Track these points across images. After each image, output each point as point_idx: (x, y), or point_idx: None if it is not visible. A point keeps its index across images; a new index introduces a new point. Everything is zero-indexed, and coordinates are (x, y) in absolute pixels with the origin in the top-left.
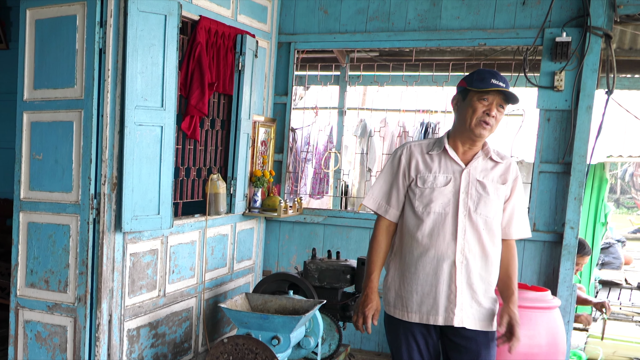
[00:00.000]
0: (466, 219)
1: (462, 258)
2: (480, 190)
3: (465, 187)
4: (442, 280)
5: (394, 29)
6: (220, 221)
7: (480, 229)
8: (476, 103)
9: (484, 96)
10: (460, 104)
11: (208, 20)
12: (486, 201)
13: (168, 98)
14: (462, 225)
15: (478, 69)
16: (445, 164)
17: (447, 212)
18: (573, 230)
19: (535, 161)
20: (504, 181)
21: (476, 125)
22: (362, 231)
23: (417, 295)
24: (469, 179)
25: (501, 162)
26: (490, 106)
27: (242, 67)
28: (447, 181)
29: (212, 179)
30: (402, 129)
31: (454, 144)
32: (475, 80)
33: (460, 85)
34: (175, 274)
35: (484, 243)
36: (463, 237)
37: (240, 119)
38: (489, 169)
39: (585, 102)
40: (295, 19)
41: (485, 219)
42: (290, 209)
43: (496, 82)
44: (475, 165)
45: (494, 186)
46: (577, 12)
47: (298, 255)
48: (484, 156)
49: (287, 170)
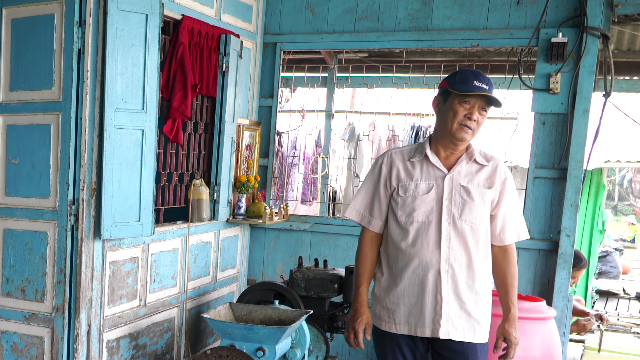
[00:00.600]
0: (450, 226)
1: (447, 267)
2: (464, 196)
3: (449, 194)
4: (428, 291)
5: (384, 29)
6: (203, 228)
7: (467, 236)
8: (457, 106)
9: (466, 99)
10: (441, 106)
11: (191, 20)
12: (471, 207)
13: (149, 100)
14: (446, 233)
15: (460, 69)
16: (427, 171)
17: (430, 220)
18: (569, 238)
19: (530, 166)
20: (491, 185)
21: (457, 129)
22: (350, 239)
23: (403, 307)
24: (452, 185)
25: (487, 165)
26: (472, 109)
27: (226, 69)
28: (428, 188)
29: (195, 184)
30: (392, 132)
31: (436, 149)
32: (457, 82)
33: (442, 86)
34: (157, 283)
35: (471, 251)
36: (447, 245)
37: (224, 122)
38: (473, 172)
39: (581, 105)
40: (282, 19)
41: (471, 226)
42: (275, 216)
43: (479, 84)
44: (458, 170)
45: (479, 191)
46: (574, 11)
47: (284, 263)
48: (467, 160)
49: (273, 175)
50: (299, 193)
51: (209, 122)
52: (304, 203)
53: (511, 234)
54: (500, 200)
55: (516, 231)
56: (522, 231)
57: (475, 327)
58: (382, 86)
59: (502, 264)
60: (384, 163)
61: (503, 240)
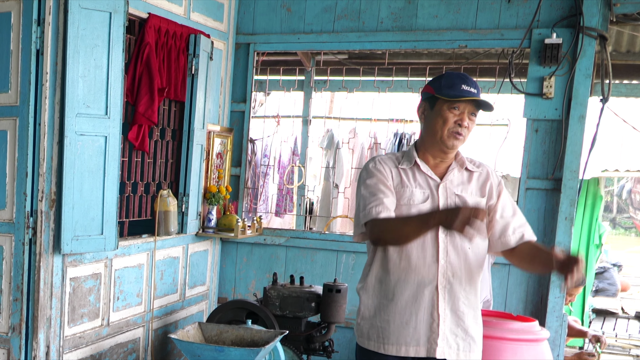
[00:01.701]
0: (448, 238)
1: (445, 282)
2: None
3: (444, 203)
4: (423, 308)
5: (365, 28)
6: (171, 242)
7: (465, 248)
8: (446, 113)
9: (455, 105)
10: (428, 114)
11: (158, 19)
12: None
13: (113, 105)
14: (444, 246)
15: (446, 73)
16: (420, 179)
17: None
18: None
19: (521, 177)
20: (484, 192)
21: (448, 137)
22: (328, 254)
23: (394, 325)
24: (446, 194)
25: (477, 171)
26: (462, 115)
27: (196, 71)
28: (424, 198)
29: (162, 195)
30: (374, 140)
31: (424, 157)
32: (444, 87)
33: (427, 92)
34: (121, 300)
35: (469, 264)
36: (445, 258)
37: (193, 129)
38: (466, 181)
39: (577, 111)
40: (255, 18)
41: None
42: (248, 229)
43: (467, 88)
44: (451, 179)
45: (473, 200)
46: (569, 10)
47: (257, 280)
48: (459, 167)
49: (246, 185)
50: (274, 205)
51: (177, 129)
52: (278, 215)
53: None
54: (497, 204)
55: (520, 232)
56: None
57: (471, 346)
58: (363, 90)
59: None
60: (376, 165)
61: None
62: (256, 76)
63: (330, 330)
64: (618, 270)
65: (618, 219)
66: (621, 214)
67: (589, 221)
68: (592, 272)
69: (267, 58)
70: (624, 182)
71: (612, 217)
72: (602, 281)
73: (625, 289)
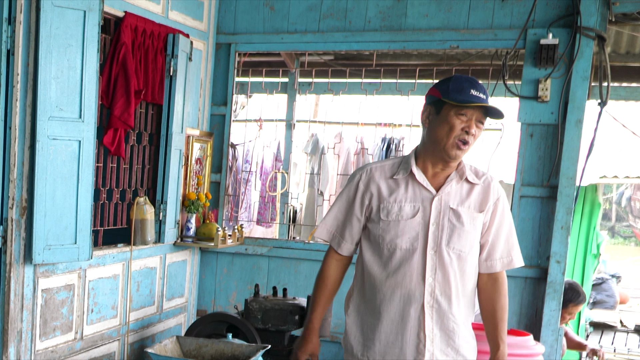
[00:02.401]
0: (436, 255)
1: (432, 301)
2: (453, 221)
3: (436, 218)
4: (409, 328)
5: (352, 28)
6: (148, 252)
7: (455, 266)
8: (453, 119)
9: (463, 110)
10: (433, 119)
11: (134, 17)
12: (460, 233)
13: (87, 108)
14: (432, 263)
15: (454, 76)
16: (413, 191)
17: (415, 247)
18: (559, 265)
19: (515, 184)
20: (482, 207)
21: (452, 145)
22: (313, 264)
23: (380, 345)
24: (440, 208)
25: (478, 184)
26: (470, 122)
27: (174, 72)
28: (414, 212)
29: (138, 202)
30: (360, 145)
31: (423, 165)
32: (452, 91)
33: (433, 95)
34: (95, 313)
35: (458, 282)
36: (433, 276)
37: (172, 133)
38: (464, 194)
39: (574, 115)
40: (237, 17)
41: (459, 254)
42: (229, 238)
43: (476, 93)
44: (448, 191)
45: (469, 215)
46: (566, 10)
47: (238, 292)
48: (458, 179)
49: (226, 192)
50: (256, 213)
51: (154, 133)
52: (259, 224)
53: (501, 261)
54: (491, 222)
55: (509, 257)
56: (516, 258)
57: None
58: (350, 93)
59: (491, 295)
60: (361, 180)
61: (491, 267)
62: (237, 78)
63: None
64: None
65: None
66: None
67: (586, 230)
68: (589, 284)
69: (249, 59)
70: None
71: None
72: (600, 293)
73: (624, 301)
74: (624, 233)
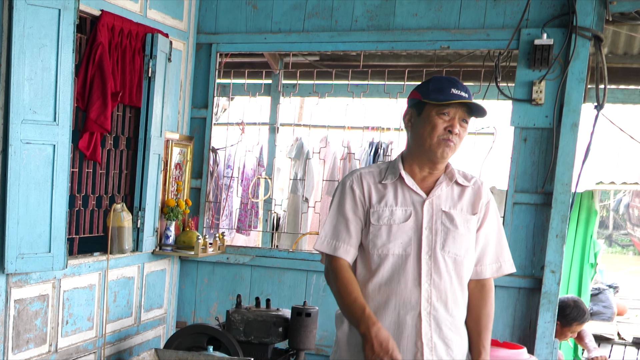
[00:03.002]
0: (431, 260)
1: (429, 307)
2: (447, 224)
3: (429, 222)
4: (406, 336)
5: (338, 28)
6: (125, 261)
7: (451, 270)
8: (435, 118)
9: (444, 110)
10: (415, 121)
11: (111, 16)
12: (455, 236)
13: (62, 110)
14: (427, 268)
15: (433, 77)
16: (403, 195)
17: (409, 253)
18: (554, 275)
19: (508, 190)
20: (475, 210)
21: (437, 144)
22: (297, 274)
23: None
24: (432, 211)
25: (468, 186)
26: (453, 121)
27: (153, 73)
28: (406, 216)
29: (115, 209)
30: (347, 149)
31: (411, 170)
32: (432, 91)
33: (413, 98)
34: (70, 325)
35: (455, 287)
36: (429, 282)
37: (150, 137)
38: (455, 196)
39: (570, 118)
40: (218, 16)
41: (455, 258)
42: (210, 247)
43: (457, 92)
44: (438, 194)
45: (463, 217)
46: (561, 9)
47: (219, 303)
48: (448, 181)
49: (207, 199)
50: (237, 220)
51: (132, 137)
52: (239, 232)
53: (491, 267)
54: (482, 224)
55: (497, 263)
56: (506, 264)
57: None
58: (336, 95)
59: (478, 301)
60: (354, 183)
61: (480, 273)
62: (219, 79)
63: (300, 357)
64: (614, 292)
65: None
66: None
67: (582, 238)
68: (586, 294)
69: (231, 60)
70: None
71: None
72: (597, 304)
73: (621, 312)
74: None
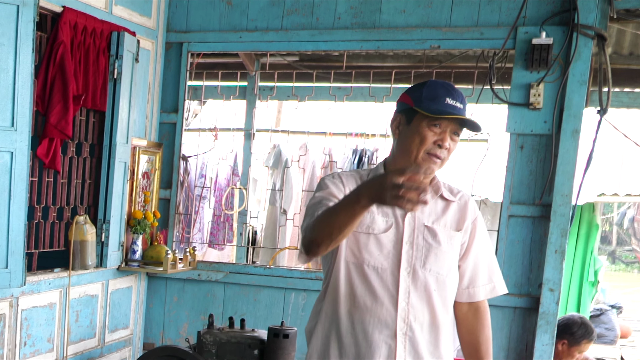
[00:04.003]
0: (410, 277)
1: (406, 328)
2: (429, 240)
3: (410, 236)
4: (378, 358)
5: (319, 26)
6: (88, 278)
7: (431, 289)
8: (425, 130)
9: (436, 122)
10: (404, 129)
11: (74, 13)
12: (437, 253)
13: (20, 115)
14: (405, 286)
15: (428, 81)
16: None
17: (385, 267)
18: (553, 294)
19: (503, 202)
20: (460, 226)
21: (423, 159)
22: (274, 292)
23: None
24: (414, 225)
25: (454, 201)
26: (443, 135)
27: (119, 75)
28: (387, 226)
29: (78, 222)
30: (329, 157)
31: None
32: (425, 99)
33: (404, 102)
34: (29, 346)
35: (435, 308)
36: (406, 300)
37: (116, 144)
38: (439, 211)
39: (570, 124)
40: (189, 12)
41: (437, 277)
42: (180, 263)
43: (452, 102)
44: (421, 207)
45: (446, 233)
46: (561, 5)
47: (190, 323)
48: (432, 194)
49: (177, 211)
50: (210, 234)
51: (96, 143)
52: (211, 246)
53: (484, 288)
54: (471, 243)
55: (491, 283)
56: (498, 284)
57: None
58: (317, 98)
59: (474, 326)
60: (333, 182)
61: (474, 295)
62: (190, 81)
63: None
64: (617, 313)
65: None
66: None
67: (582, 254)
68: (585, 315)
69: (203, 60)
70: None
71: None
72: (599, 326)
73: (625, 335)
74: (626, 258)
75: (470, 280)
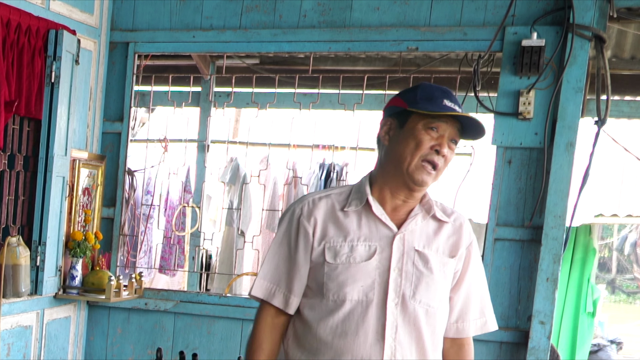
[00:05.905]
0: (398, 309)
1: None
2: (420, 266)
3: (398, 262)
4: None
5: (283, 24)
6: (21, 306)
7: (421, 323)
8: (422, 133)
9: (434, 124)
10: (395, 133)
11: (6, 8)
12: (429, 282)
13: None
14: (393, 319)
15: (422, 83)
16: (368, 228)
17: (371, 299)
18: (544, 327)
19: (489, 223)
20: (453, 253)
21: (417, 167)
22: (230, 323)
23: None
24: (403, 250)
25: (448, 222)
26: (442, 140)
27: (56, 78)
28: (370, 253)
29: (10, 243)
30: (293, 172)
31: (380, 195)
32: (421, 99)
33: (394, 106)
34: None
35: (425, 345)
36: (393, 336)
37: (53, 156)
38: (431, 233)
39: (564, 136)
40: (136, 9)
41: (427, 309)
42: (124, 290)
43: (451, 104)
44: (412, 229)
45: (439, 260)
46: (555, 3)
47: (136, 357)
48: (424, 214)
49: (122, 232)
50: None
51: (30, 155)
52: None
53: (474, 323)
54: (464, 273)
55: (483, 317)
56: (490, 319)
57: None
58: (279, 106)
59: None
60: (302, 214)
61: (462, 331)
62: (137, 86)
63: None
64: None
65: (618, 281)
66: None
67: (577, 283)
68: (582, 351)
69: (152, 62)
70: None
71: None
72: None
73: None
74: (627, 288)
75: (460, 313)
